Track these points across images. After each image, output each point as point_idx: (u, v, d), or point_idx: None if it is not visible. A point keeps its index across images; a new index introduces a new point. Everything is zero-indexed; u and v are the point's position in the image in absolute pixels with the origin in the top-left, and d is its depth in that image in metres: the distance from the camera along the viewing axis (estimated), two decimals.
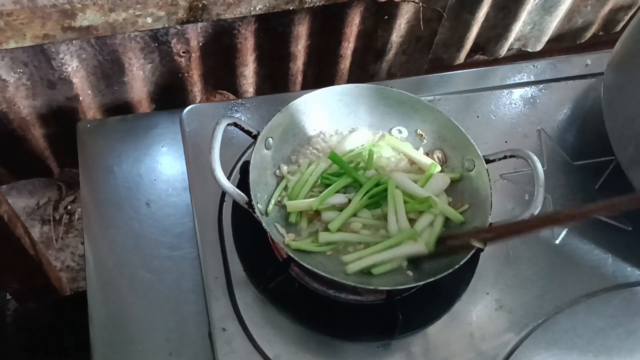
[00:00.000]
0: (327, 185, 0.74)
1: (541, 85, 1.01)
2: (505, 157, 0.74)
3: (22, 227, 1.09)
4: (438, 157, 0.80)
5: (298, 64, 1.18)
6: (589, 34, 1.54)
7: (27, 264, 1.15)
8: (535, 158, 0.71)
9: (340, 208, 0.73)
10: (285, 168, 0.77)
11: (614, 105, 0.86)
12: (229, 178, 0.79)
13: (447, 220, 0.75)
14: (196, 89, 1.13)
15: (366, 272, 0.70)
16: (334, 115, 0.82)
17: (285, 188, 0.76)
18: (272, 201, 0.74)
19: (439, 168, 0.77)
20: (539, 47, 1.46)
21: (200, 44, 1.05)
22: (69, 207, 1.55)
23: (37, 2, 0.78)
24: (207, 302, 0.72)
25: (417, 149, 0.82)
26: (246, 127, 0.72)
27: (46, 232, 1.51)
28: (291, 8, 0.97)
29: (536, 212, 0.68)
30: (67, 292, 1.38)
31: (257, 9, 0.94)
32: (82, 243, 1.20)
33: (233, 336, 0.69)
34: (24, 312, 1.31)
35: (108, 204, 0.84)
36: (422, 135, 0.81)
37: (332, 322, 0.71)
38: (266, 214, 0.73)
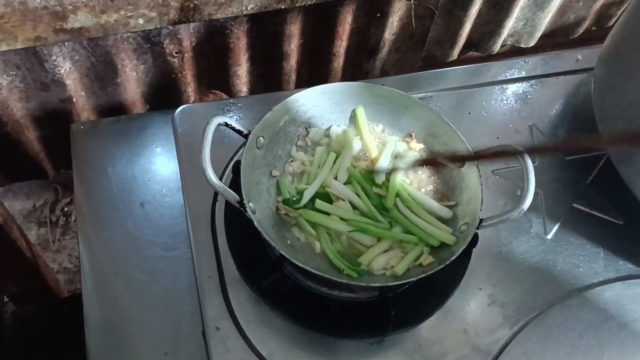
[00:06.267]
0: None
1: (532, 81, 1.01)
2: None
3: (18, 229, 1.10)
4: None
5: (291, 63, 1.18)
6: (581, 30, 1.54)
7: (24, 266, 1.16)
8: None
9: None
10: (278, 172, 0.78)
11: (603, 99, 0.86)
12: (221, 178, 0.80)
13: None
14: (190, 89, 1.14)
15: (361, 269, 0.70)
16: (324, 114, 0.82)
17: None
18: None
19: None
20: (532, 43, 1.46)
21: (193, 44, 1.05)
22: (66, 209, 1.55)
23: (28, 5, 0.78)
24: (200, 302, 0.72)
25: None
26: (237, 127, 0.72)
27: (43, 234, 1.52)
28: (283, 7, 0.97)
29: (526, 208, 0.68)
30: (64, 294, 1.39)
31: (249, 8, 0.94)
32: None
33: (227, 335, 0.69)
34: (22, 315, 1.31)
35: (102, 205, 0.85)
36: (411, 136, 0.82)
37: (326, 320, 0.71)
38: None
